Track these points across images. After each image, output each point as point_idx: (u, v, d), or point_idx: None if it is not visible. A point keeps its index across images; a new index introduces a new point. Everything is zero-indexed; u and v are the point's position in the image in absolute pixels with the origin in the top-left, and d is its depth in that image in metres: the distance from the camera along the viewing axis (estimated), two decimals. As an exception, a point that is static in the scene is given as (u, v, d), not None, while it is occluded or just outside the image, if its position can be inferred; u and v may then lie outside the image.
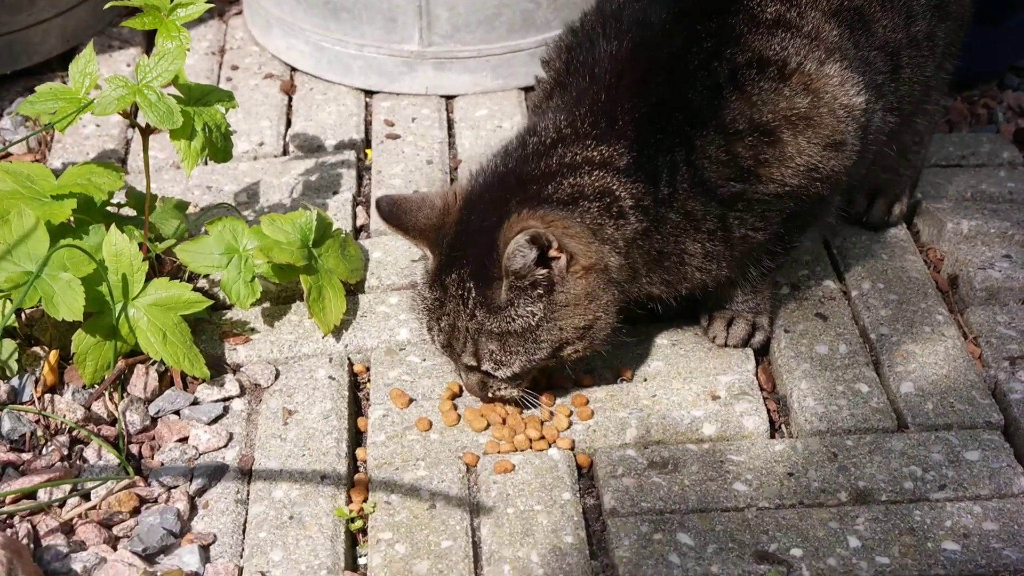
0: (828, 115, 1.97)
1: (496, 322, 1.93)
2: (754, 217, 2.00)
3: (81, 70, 2.09)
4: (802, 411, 2.06)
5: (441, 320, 1.98)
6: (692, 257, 2.01)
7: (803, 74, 1.96)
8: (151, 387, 2.11)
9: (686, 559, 1.83)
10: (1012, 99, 2.86)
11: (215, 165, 2.63)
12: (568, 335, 1.95)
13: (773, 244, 2.07)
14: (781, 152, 1.95)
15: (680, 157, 1.94)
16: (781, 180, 1.97)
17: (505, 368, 1.96)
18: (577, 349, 1.98)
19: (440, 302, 1.97)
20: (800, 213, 2.04)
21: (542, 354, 1.95)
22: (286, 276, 2.19)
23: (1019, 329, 2.20)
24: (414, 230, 2.00)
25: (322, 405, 2.10)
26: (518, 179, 1.97)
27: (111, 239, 2.08)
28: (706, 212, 1.97)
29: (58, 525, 1.88)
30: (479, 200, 1.97)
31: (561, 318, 1.94)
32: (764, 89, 1.94)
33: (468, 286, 1.94)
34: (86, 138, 2.75)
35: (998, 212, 2.44)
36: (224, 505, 1.94)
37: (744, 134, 1.94)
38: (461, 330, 1.96)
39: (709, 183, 1.96)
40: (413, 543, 1.87)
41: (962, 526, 1.87)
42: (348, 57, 2.86)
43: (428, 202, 2.01)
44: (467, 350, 1.97)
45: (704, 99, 1.95)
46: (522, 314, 1.92)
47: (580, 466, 2.00)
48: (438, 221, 1.99)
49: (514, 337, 1.93)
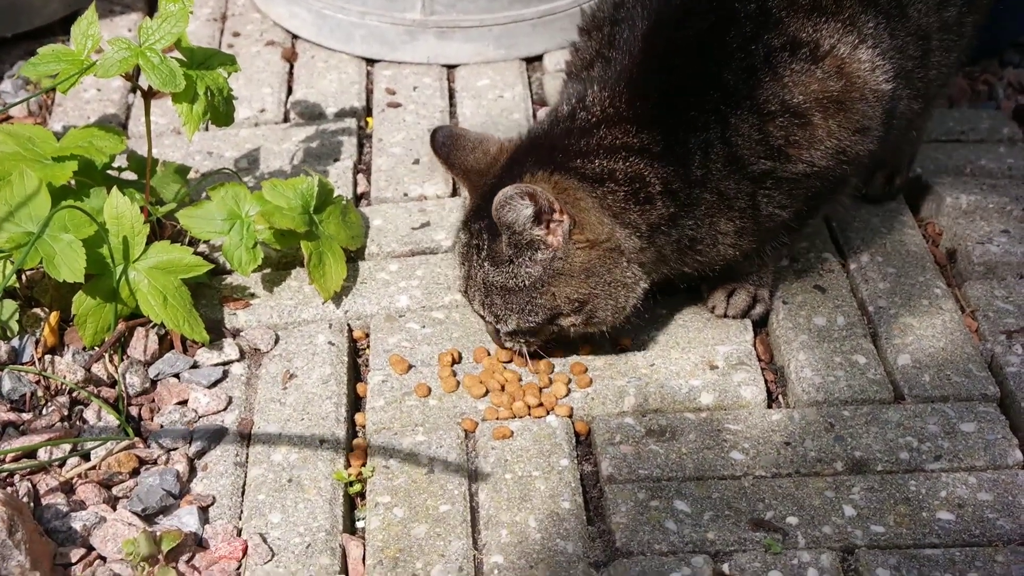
0: (859, 100, 1.99)
1: (499, 276, 1.98)
2: (782, 195, 2.02)
3: (83, 32, 2.08)
4: (799, 381, 2.07)
5: (463, 266, 2.04)
6: (725, 236, 2.04)
7: (836, 57, 1.98)
8: (151, 350, 2.12)
9: (682, 526, 1.84)
10: (1012, 76, 2.86)
11: (216, 131, 2.64)
12: (562, 305, 1.97)
13: (793, 220, 2.09)
14: (812, 134, 1.98)
15: (715, 135, 1.96)
16: (810, 161, 2.00)
17: (503, 323, 2.01)
18: (574, 322, 2.00)
19: (466, 248, 2.03)
20: (822, 192, 2.07)
21: (536, 318, 1.98)
22: (287, 242, 2.20)
23: (1016, 303, 2.21)
24: (459, 168, 2.05)
25: (321, 370, 2.10)
26: (554, 146, 1.99)
27: (112, 201, 2.08)
28: (738, 190, 2.00)
29: (58, 484, 1.89)
30: (521, 157, 2.01)
31: (556, 285, 1.96)
32: (796, 71, 1.97)
33: (484, 236, 1.98)
34: (87, 102, 2.74)
35: (997, 187, 2.45)
36: (223, 468, 1.95)
37: (776, 115, 1.96)
38: (474, 279, 2.01)
39: (742, 160, 1.98)
40: (411, 507, 1.88)
41: (957, 496, 1.88)
42: (350, 25, 2.86)
43: (483, 146, 2.07)
44: (475, 299, 2.02)
45: (739, 80, 1.96)
46: (521, 273, 1.96)
47: (578, 433, 2.01)
48: (485, 167, 2.05)
49: (513, 294, 1.97)
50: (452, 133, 2.05)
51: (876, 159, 2.18)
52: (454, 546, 1.82)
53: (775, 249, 2.15)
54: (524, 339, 2.05)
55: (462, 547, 1.82)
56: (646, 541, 1.82)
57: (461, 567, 1.79)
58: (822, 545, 1.82)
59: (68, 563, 1.79)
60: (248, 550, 1.81)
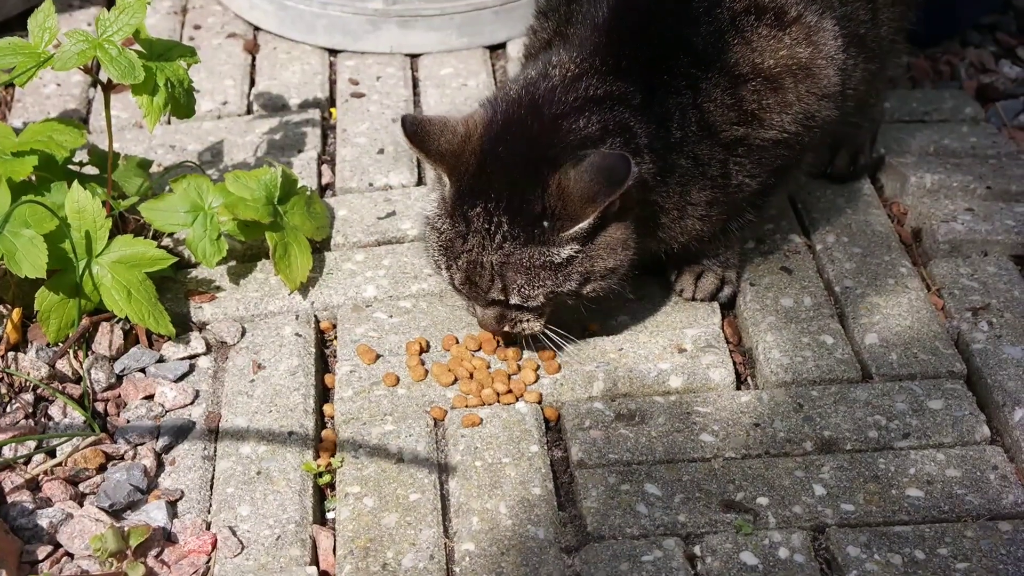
0: (825, 67, 2.03)
1: (529, 255, 1.90)
2: (752, 163, 2.04)
3: (40, 24, 2.06)
4: (768, 363, 2.07)
5: (461, 256, 1.94)
6: (695, 207, 2.03)
7: (804, 25, 2.02)
8: (116, 345, 2.10)
9: (653, 509, 1.84)
10: (974, 56, 2.88)
11: (178, 124, 2.62)
12: (598, 273, 1.94)
13: (758, 196, 2.10)
14: (783, 99, 2.01)
15: (688, 99, 1.97)
16: (781, 126, 2.02)
17: (532, 300, 1.93)
18: (597, 288, 1.96)
19: (462, 236, 1.93)
20: (787, 163, 2.09)
21: (569, 286, 1.93)
22: (252, 233, 2.18)
23: (981, 280, 2.22)
24: (436, 153, 1.96)
25: (289, 362, 2.09)
26: (547, 113, 1.93)
27: (73, 195, 2.06)
28: (711, 157, 2.00)
29: (24, 482, 1.87)
30: (505, 131, 1.94)
31: (598, 258, 1.93)
32: (764, 36, 1.99)
33: (497, 220, 1.89)
34: (47, 97, 2.72)
35: (960, 166, 2.46)
36: (191, 462, 1.94)
37: (748, 78, 1.98)
38: (487, 265, 1.92)
39: (714, 126, 1.99)
40: (381, 496, 1.87)
41: (925, 473, 1.89)
42: (312, 16, 2.84)
43: (450, 127, 1.98)
44: (494, 285, 1.93)
45: (709, 43, 1.98)
46: (564, 252, 1.90)
47: (548, 419, 2.01)
48: (458, 148, 1.95)
49: (546, 270, 1.91)
50: (419, 120, 2.03)
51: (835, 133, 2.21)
52: (425, 535, 1.81)
53: (741, 228, 2.15)
54: (528, 319, 1.99)
55: (433, 535, 1.81)
56: (617, 525, 1.82)
57: (432, 555, 1.78)
58: (793, 525, 1.82)
59: (35, 560, 1.77)
60: (217, 543, 1.80)
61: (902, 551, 1.77)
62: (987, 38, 2.97)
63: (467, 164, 1.94)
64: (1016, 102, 2.71)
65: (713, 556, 1.77)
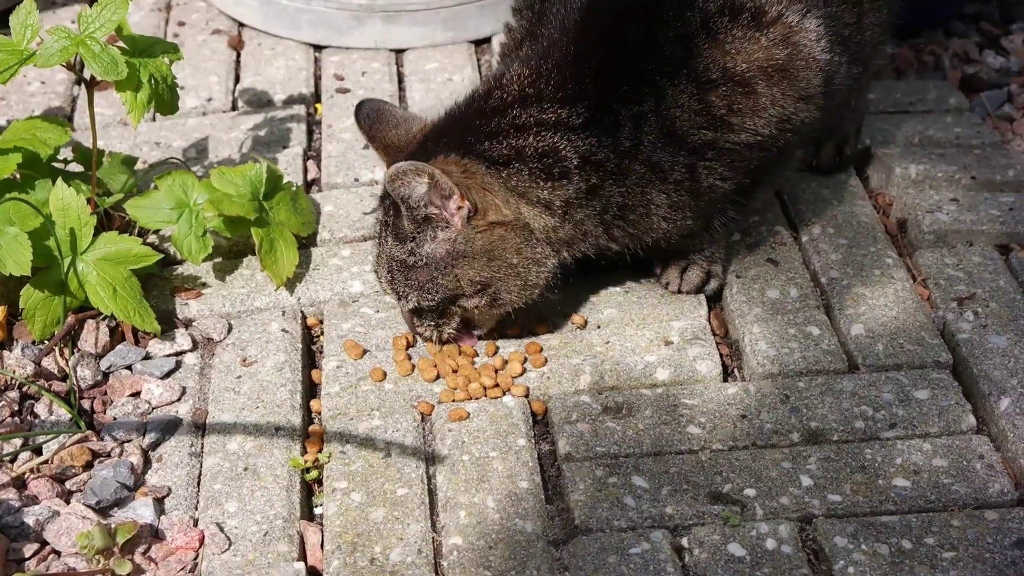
0: (804, 69, 1.99)
1: (401, 252, 1.97)
2: (723, 167, 2.01)
3: (22, 21, 2.05)
4: (754, 354, 2.07)
5: (375, 242, 2.05)
6: (658, 208, 2.02)
7: (784, 25, 1.98)
8: (102, 342, 2.09)
9: (641, 501, 1.84)
10: (958, 46, 2.88)
11: (163, 121, 2.62)
12: (464, 287, 1.96)
13: (738, 195, 2.08)
14: (755, 103, 1.97)
15: (649, 107, 1.95)
16: (754, 129, 1.99)
17: (404, 301, 2.01)
18: (477, 304, 1.99)
19: (377, 224, 2.03)
20: (765, 166, 2.06)
21: (436, 296, 1.97)
22: (237, 229, 2.18)
23: (966, 270, 2.22)
24: (380, 142, 2.06)
25: (275, 358, 2.09)
26: (466, 128, 1.98)
27: (58, 192, 2.05)
28: (674, 162, 1.98)
29: (9, 480, 1.87)
30: (434, 137, 2.00)
31: (458, 266, 1.95)
32: (738, 37, 1.96)
33: (391, 212, 1.98)
34: (31, 95, 2.71)
35: (945, 157, 2.46)
36: (178, 458, 1.93)
37: (718, 83, 1.95)
38: (383, 256, 2.02)
39: (679, 132, 1.96)
40: (369, 492, 1.87)
41: (912, 463, 1.89)
42: (296, 11, 2.84)
43: (406, 124, 2.06)
44: (382, 276, 2.03)
45: (677, 48, 1.95)
46: (421, 251, 1.95)
47: (535, 413, 2.01)
48: (404, 144, 2.03)
49: (413, 272, 1.97)
50: (378, 107, 2.05)
51: (820, 129, 2.18)
52: (412, 529, 1.81)
53: (724, 225, 2.15)
54: (435, 322, 2.03)
55: (421, 530, 1.81)
56: (605, 518, 1.82)
57: (420, 550, 1.78)
58: (780, 516, 1.82)
59: (21, 558, 1.77)
60: (205, 540, 1.80)
61: (889, 541, 1.78)
62: (971, 28, 2.97)
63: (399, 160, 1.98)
64: (1000, 92, 2.71)
65: (700, 548, 1.78)
